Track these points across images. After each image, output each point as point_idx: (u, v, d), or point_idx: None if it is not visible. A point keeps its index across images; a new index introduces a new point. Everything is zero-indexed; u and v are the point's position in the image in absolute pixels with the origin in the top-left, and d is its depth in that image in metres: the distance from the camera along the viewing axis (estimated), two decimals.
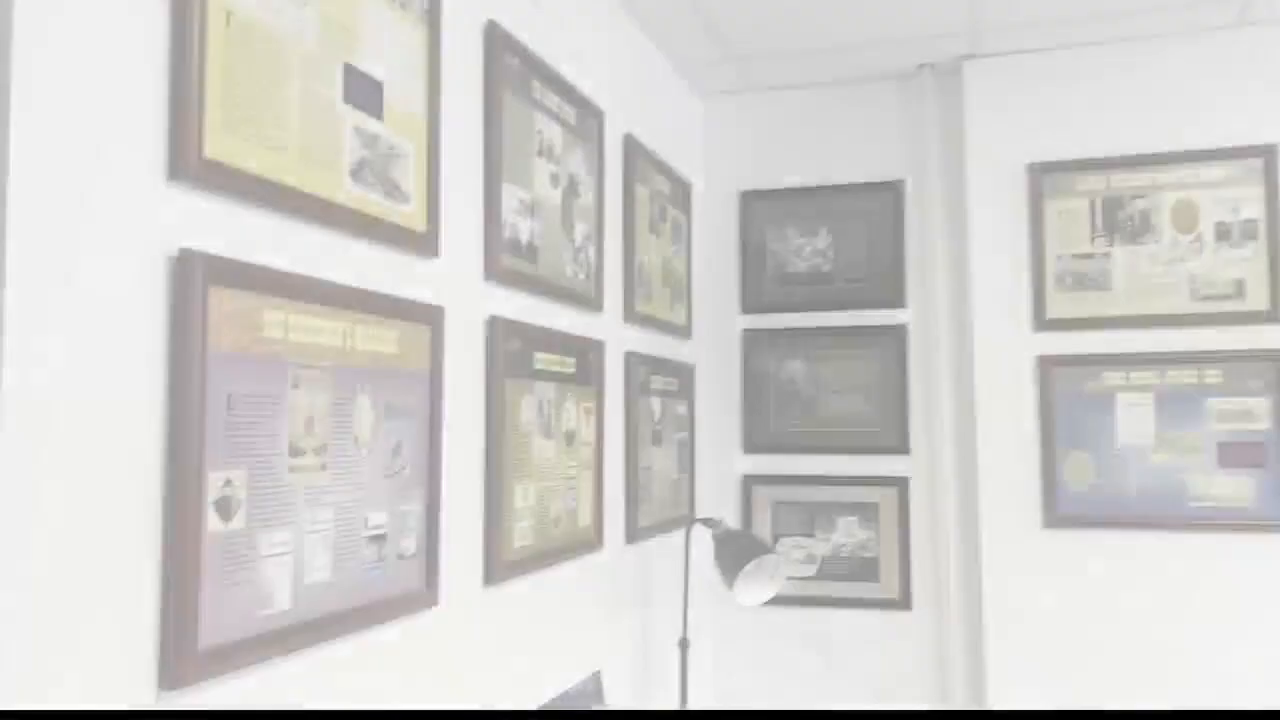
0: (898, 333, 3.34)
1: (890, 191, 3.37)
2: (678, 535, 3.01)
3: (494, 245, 2.00)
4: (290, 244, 1.44)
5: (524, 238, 2.14)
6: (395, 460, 1.66)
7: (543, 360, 2.20)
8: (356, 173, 1.58)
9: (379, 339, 1.62)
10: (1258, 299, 2.92)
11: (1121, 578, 2.97)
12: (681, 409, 3.20)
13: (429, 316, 1.75)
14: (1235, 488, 2.90)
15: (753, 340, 3.47)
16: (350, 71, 1.57)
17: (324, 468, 1.48)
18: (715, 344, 3.51)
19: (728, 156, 3.54)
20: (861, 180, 3.41)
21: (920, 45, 3.13)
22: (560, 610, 2.31)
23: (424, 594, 1.73)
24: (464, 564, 1.89)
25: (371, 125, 1.62)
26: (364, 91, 1.60)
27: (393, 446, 1.65)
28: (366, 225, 1.60)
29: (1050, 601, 3.02)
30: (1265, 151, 2.93)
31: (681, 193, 3.27)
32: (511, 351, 2.05)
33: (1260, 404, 2.90)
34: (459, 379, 1.89)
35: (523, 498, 2.09)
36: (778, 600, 3.23)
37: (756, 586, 2.64)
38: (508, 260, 2.06)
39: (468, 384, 1.92)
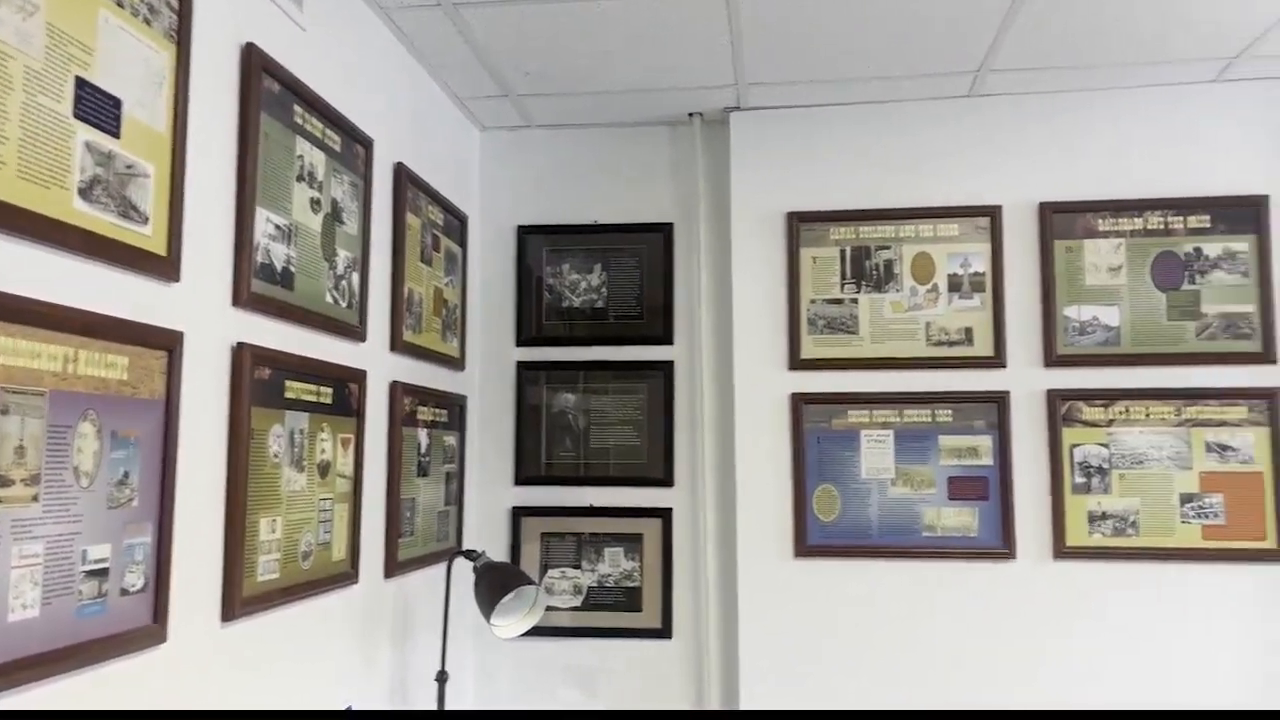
0: (665, 369, 3.46)
1: (660, 233, 3.51)
2: (442, 568, 2.99)
3: (244, 270, 1.95)
4: (4, 263, 1.37)
5: (279, 263, 2.10)
6: (121, 491, 1.58)
7: (295, 389, 2.15)
8: (87, 191, 1.51)
9: (106, 364, 1.55)
10: (984, 346, 3.21)
11: (864, 603, 3.17)
12: (451, 440, 3.19)
13: (165, 342, 1.69)
14: (962, 518, 3.16)
15: (527, 373, 3.51)
16: (83, 86, 1.51)
17: (36, 498, 1.40)
18: (489, 376, 3.52)
19: (505, 190, 3.58)
20: (634, 221, 3.52)
21: (690, 95, 3.28)
22: (310, 645, 2.25)
23: (151, 631, 1.65)
24: (198, 599, 1.82)
25: (106, 143, 1.56)
26: (98, 107, 1.54)
27: (119, 477, 1.58)
28: (97, 246, 1.53)
29: (800, 626, 3.18)
30: (991, 211, 3.23)
31: (457, 224, 3.28)
32: (260, 380, 2.00)
33: (984, 442, 3.18)
34: (199, 407, 1.83)
35: (269, 530, 2.04)
36: (543, 632, 3.27)
37: (515, 618, 2.66)
38: (259, 286, 2.01)
39: (209, 412, 1.86)
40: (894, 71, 3.07)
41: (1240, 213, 3.12)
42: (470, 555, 2.68)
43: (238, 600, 1.90)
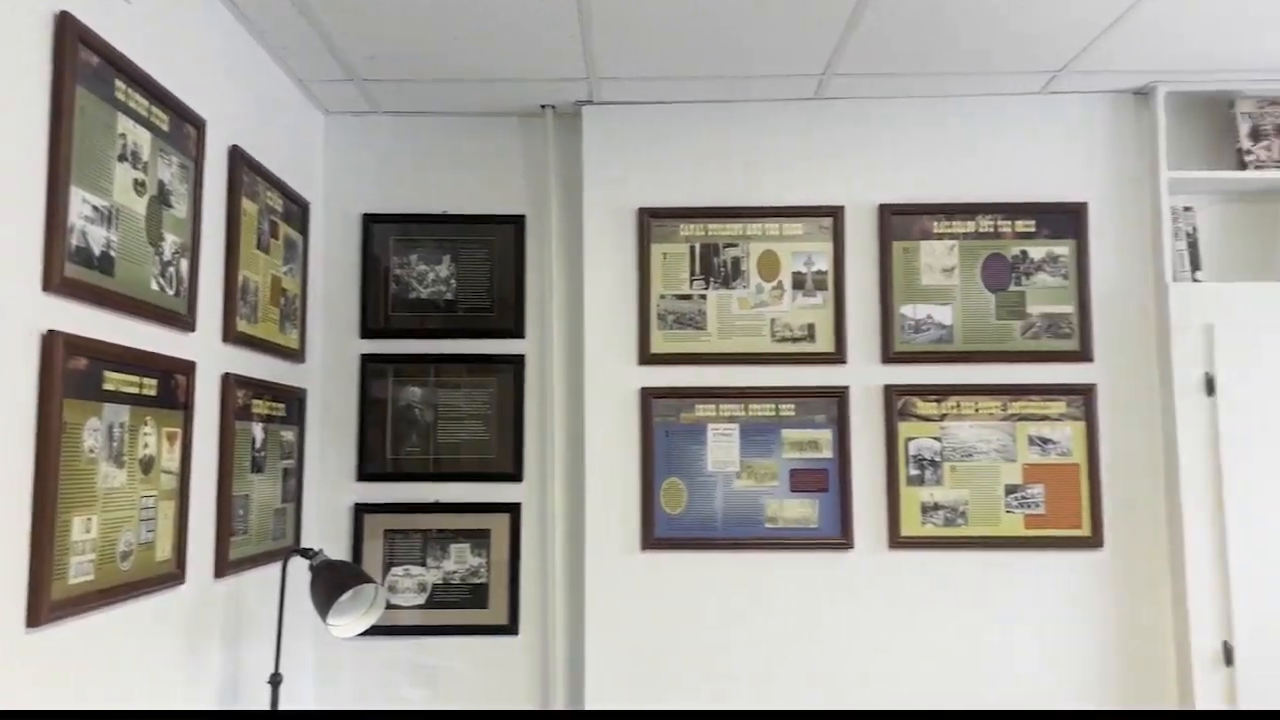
0: (516, 362, 3.43)
1: (512, 225, 3.47)
2: (277, 567, 2.88)
3: (56, 254, 1.83)
4: None
5: (97, 247, 1.98)
6: None
7: (115, 380, 2.04)
8: None
9: None
10: (826, 342, 3.30)
11: (709, 594, 3.21)
12: (289, 435, 3.08)
13: None
14: (804, 510, 3.24)
15: (372, 365, 3.42)
16: None
17: None
18: (331, 368, 3.42)
19: (350, 177, 3.48)
20: (485, 211, 3.48)
21: (543, 87, 3.26)
22: (131, 649, 2.14)
23: None
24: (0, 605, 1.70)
25: None
26: None
27: None
28: None
29: (646, 619, 3.20)
30: (834, 211, 3.32)
31: (297, 211, 3.17)
32: (74, 370, 1.89)
33: (825, 435, 3.27)
34: (3, 399, 1.70)
35: (83, 530, 1.92)
36: (387, 630, 3.21)
37: (354, 618, 2.59)
38: (74, 270, 1.89)
39: (14, 404, 1.74)
40: (743, 71, 3.12)
41: (1062, 219, 3.29)
42: (307, 554, 2.60)
43: (45, 604, 1.79)
